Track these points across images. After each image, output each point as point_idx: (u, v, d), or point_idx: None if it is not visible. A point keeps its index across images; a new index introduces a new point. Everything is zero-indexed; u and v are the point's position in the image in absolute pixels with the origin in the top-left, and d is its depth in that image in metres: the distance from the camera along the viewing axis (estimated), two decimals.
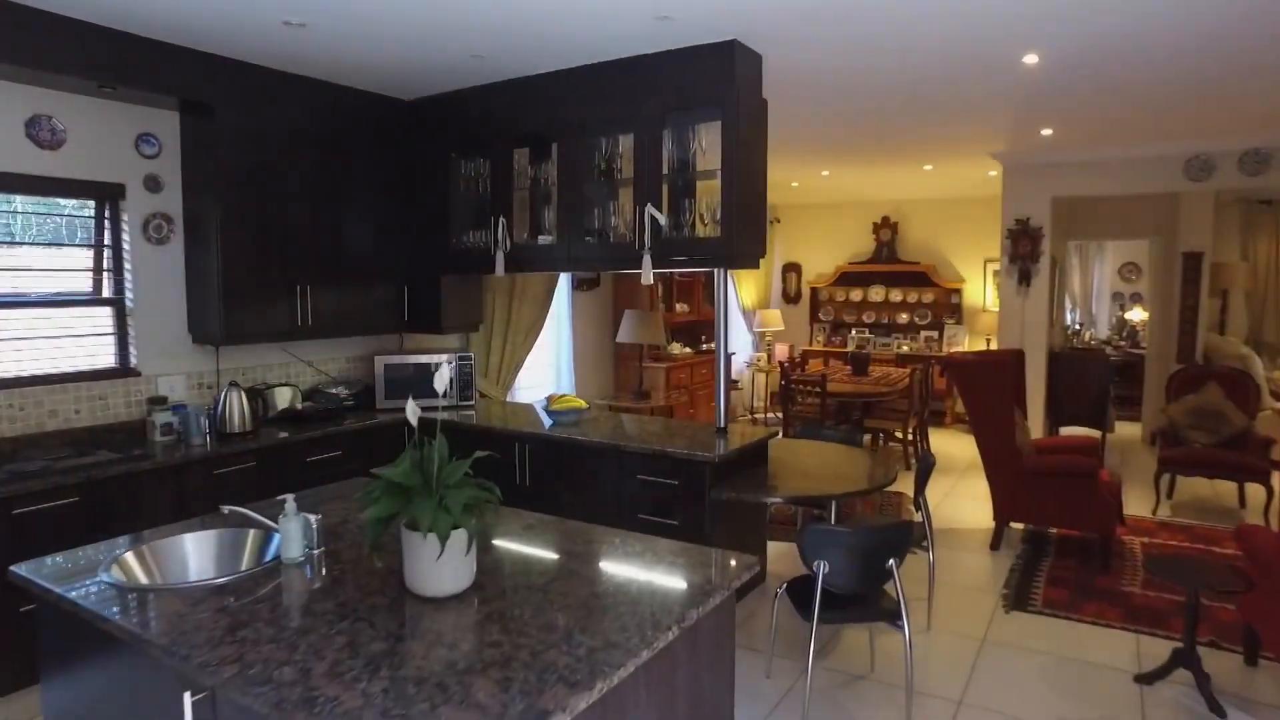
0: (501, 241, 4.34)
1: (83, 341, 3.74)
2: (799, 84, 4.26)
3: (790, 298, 10.23)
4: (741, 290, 9.36)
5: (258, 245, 3.99)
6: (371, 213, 4.57)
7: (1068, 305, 10.03)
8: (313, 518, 2.18)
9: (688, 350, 7.88)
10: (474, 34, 3.48)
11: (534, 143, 4.32)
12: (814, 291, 9.97)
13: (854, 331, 9.60)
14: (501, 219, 4.34)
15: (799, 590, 3.00)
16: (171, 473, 3.42)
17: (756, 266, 3.88)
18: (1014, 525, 4.96)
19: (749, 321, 9.58)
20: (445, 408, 4.68)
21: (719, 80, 3.54)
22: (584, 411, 4.28)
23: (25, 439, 3.47)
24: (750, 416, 9.45)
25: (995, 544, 4.79)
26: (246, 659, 1.55)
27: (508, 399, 6.05)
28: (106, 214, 3.80)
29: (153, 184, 3.85)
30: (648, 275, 3.80)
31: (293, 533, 2.10)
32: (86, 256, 3.79)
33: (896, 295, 9.42)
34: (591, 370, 7.14)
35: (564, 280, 6.72)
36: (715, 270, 3.87)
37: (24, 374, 3.53)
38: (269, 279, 4.04)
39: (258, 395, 4.17)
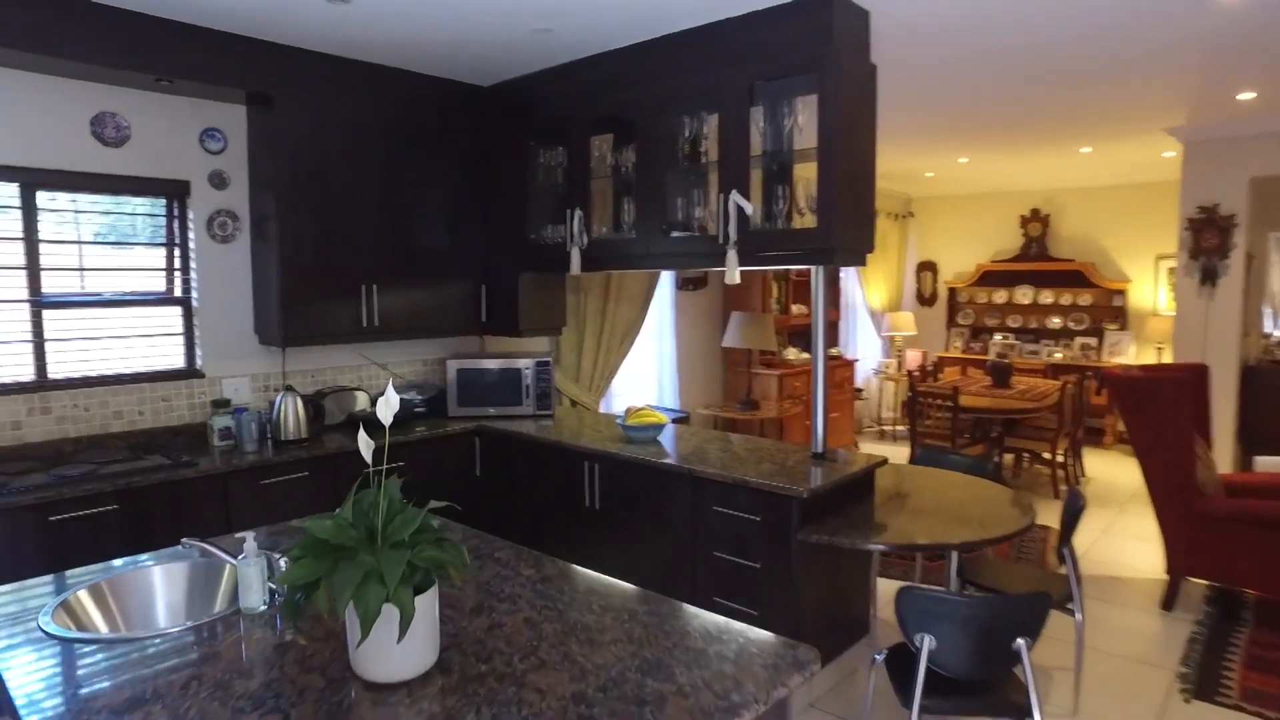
0: (577, 237, 3.95)
1: (152, 341, 3.66)
2: (923, 47, 3.61)
3: (925, 299, 9.30)
4: (869, 290, 8.58)
5: (320, 242, 3.78)
6: (446, 207, 4.29)
7: (1267, 310, 8.53)
8: (281, 558, 1.84)
9: (805, 356, 7.23)
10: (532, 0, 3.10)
11: (612, 127, 3.89)
12: (952, 293, 9.01)
13: (996, 337, 8.57)
14: (577, 212, 3.94)
15: (901, 661, 2.41)
16: (216, 482, 3.24)
17: (861, 263, 3.27)
18: (1193, 580, 4.04)
19: (878, 324, 8.78)
20: (522, 417, 4.34)
21: (814, 41, 2.97)
22: (663, 428, 3.81)
23: (88, 440, 3.41)
24: (878, 428, 8.66)
25: (1168, 603, 3.91)
26: None
27: (601, 407, 5.68)
28: (174, 212, 3.70)
29: (218, 180, 3.72)
30: (733, 273, 3.28)
31: (251, 578, 1.76)
32: (153, 255, 3.71)
33: (1047, 297, 8.32)
34: (696, 377, 6.65)
35: (667, 279, 6.28)
36: (814, 269, 3.30)
37: (90, 374, 3.47)
38: (332, 277, 3.83)
39: (321, 400, 3.99)
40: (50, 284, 3.37)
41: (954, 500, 3.16)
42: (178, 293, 3.74)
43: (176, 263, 3.74)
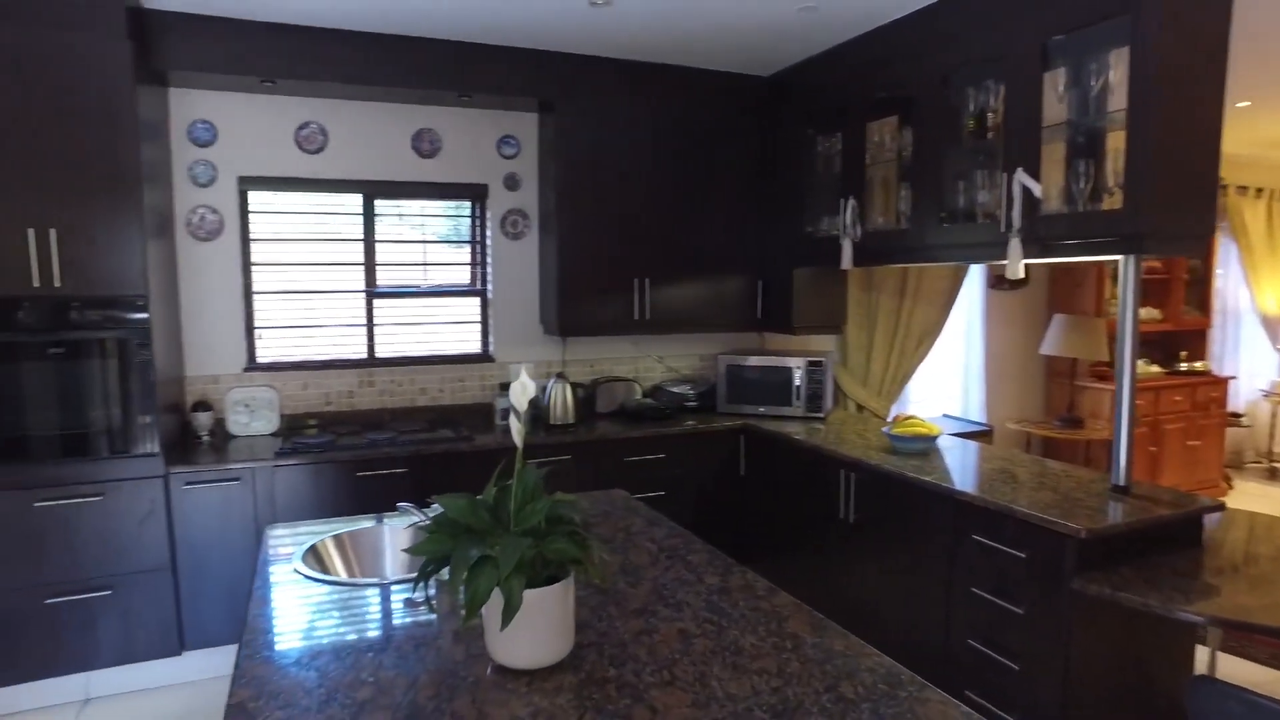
0: (850, 228, 3.67)
1: (454, 328, 4.17)
2: None
3: None
4: (1260, 290, 6.85)
5: (596, 237, 3.98)
6: (722, 201, 4.27)
7: None
8: None
9: (1155, 368, 6.01)
10: None
11: (891, 108, 3.55)
12: None
13: None
14: (851, 201, 3.66)
15: None
16: (489, 457, 3.58)
17: (1189, 253, 2.58)
18: None
19: (1272, 334, 6.99)
20: (792, 418, 4.17)
21: None
22: (934, 440, 3.39)
23: (400, 411, 3.99)
24: (1267, 464, 6.91)
25: None
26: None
27: (891, 414, 5.27)
28: (476, 212, 4.16)
29: (511, 182, 4.11)
30: (1016, 266, 2.81)
31: None
32: (459, 252, 4.21)
33: None
34: (1008, 387, 5.86)
35: (977, 275, 5.62)
36: (1123, 260, 2.67)
37: (405, 355, 4.05)
38: (606, 272, 4.02)
39: (594, 388, 4.21)
40: (381, 277, 4.00)
41: None
42: (477, 285, 4.21)
43: (477, 258, 4.20)
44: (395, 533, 2.21)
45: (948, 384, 5.73)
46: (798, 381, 4.21)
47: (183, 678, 3.22)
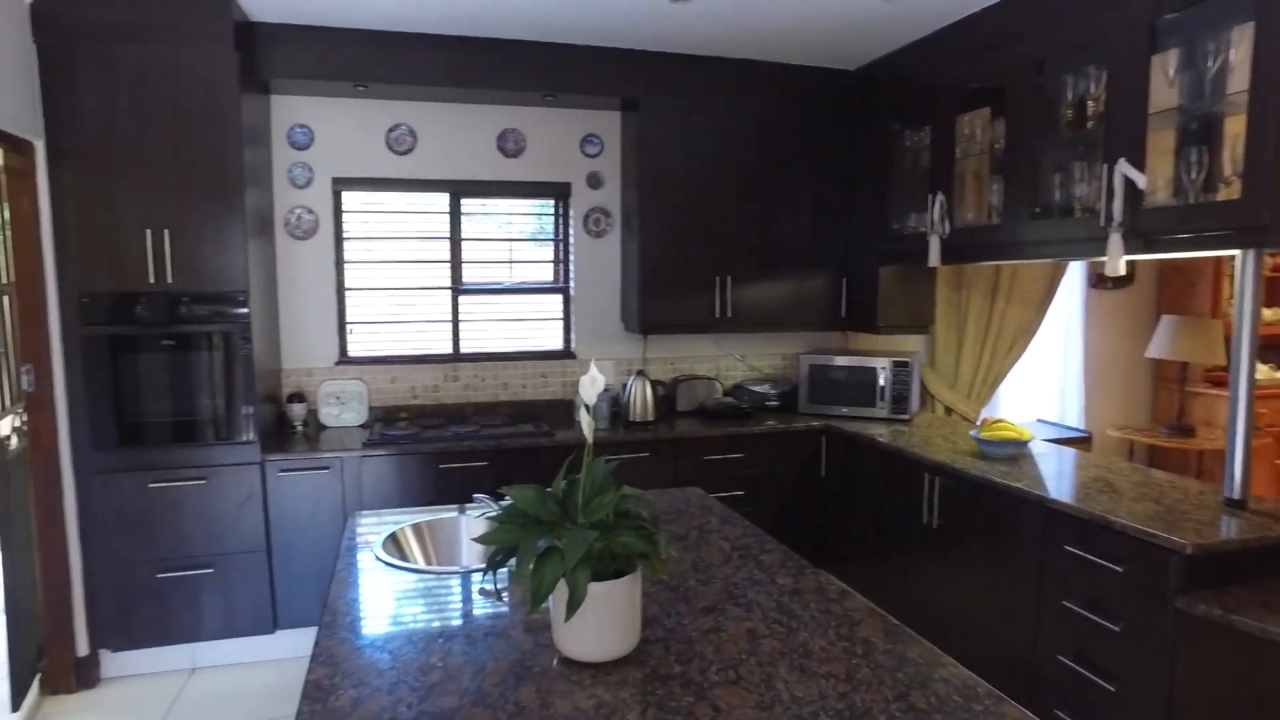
0: (937, 224, 3.55)
1: (537, 325, 4.23)
2: None
3: None
4: None
5: (676, 236, 3.98)
6: (806, 198, 4.19)
7: None
8: None
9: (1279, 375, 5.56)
10: None
11: (982, 99, 3.40)
12: None
13: None
14: (939, 197, 3.54)
15: None
16: (567, 452, 3.62)
17: None
18: None
19: None
20: (878, 419, 4.07)
21: None
22: (1024, 445, 3.23)
23: (483, 405, 4.08)
24: None
25: None
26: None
27: (981, 417, 5.06)
28: (559, 210, 4.22)
29: (594, 180, 4.15)
30: (1116, 263, 2.65)
31: None
32: (542, 250, 4.27)
33: None
34: (1111, 392, 5.54)
35: (1076, 273, 5.33)
36: (1240, 255, 2.47)
37: (489, 351, 4.14)
38: (686, 270, 4.01)
39: (674, 386, 4.20)
40: (467, 275, 4.10)
41: None
42: (560, 282, 4.27)
43: (560, 256, 4.26)
44: (472, 523, 2.26)
45: (1043, 388, 5.46)
46: (882, 382, 4.10)
47: (276, 655, 3.38)
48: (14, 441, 2.98)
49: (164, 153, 3.06)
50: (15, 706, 2.93)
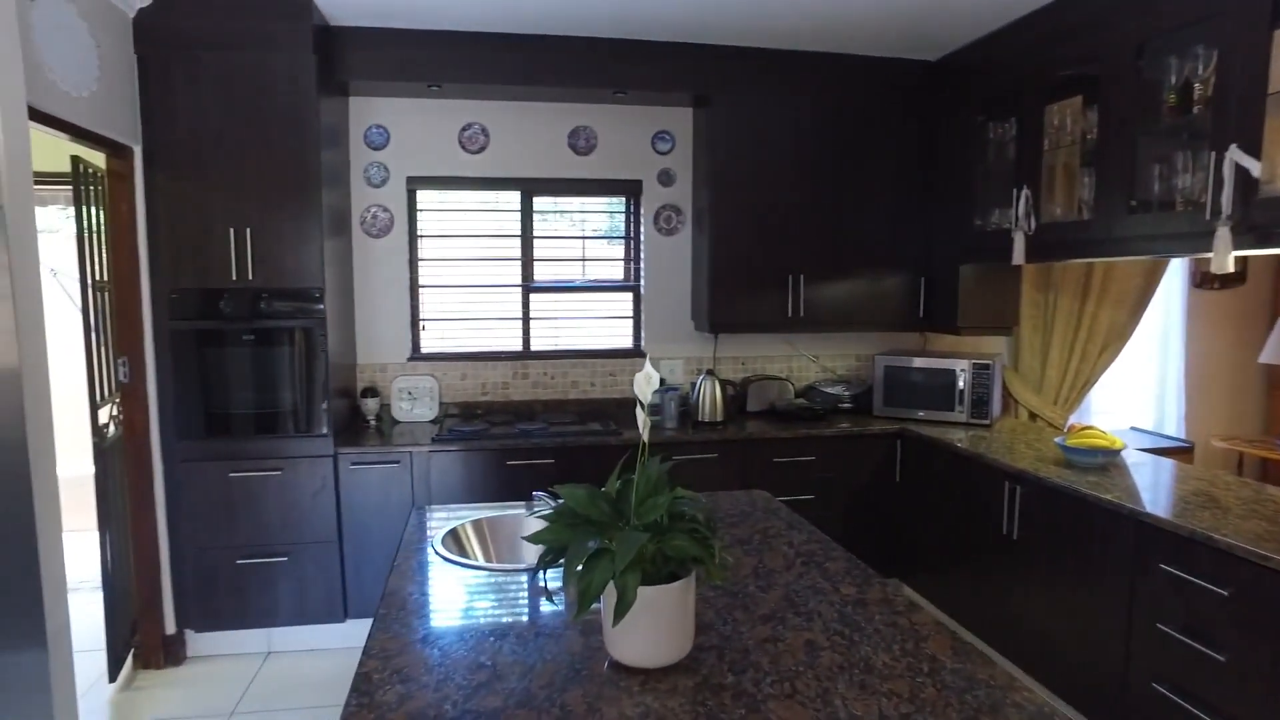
0: (1022, 220, 3.37)
1: (607, 323, 4.22)
2: None
3: None
4: None
5: (749, 233, 3.90)
6: (883, 195, 4.05)
7: None
8: None
9: None
10: None
11: (1074, 87, 3.21)
12: None
13: None
14: (1024, 191, 3.36)
15: None
16: (629, 451, 3.58)
17: None
18: None
19: None
20: (959, 423, 3.90)
21: None
22: (1115, 454, 3.03)
23: (552, 403, 4.10)
24: None
25: None
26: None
27: (1069, 424, 4.80)
28: (630, 208, 4.20)
29: (665, 178, 4.11)
30: (1224, 259, 2.45)
31: None
32: (613, 248, 4.25)
33: None
34: (1216, 399, 5.17)
35: (1177, 271, 5.00)
36: None
37: (558, 348, 4.15)
38: (758, 269, 3.93)
39: (744, 386, 4.13)
40: (539, 272, 4.12)
41: None
42: (630, 280, 4.24)
43: (630, 253, 4.24)
44: (532, 521, 2.25)
45: (1139, 394, 5.14)
46: (961, 385, 3.93)
47: (346, 643, 3.47)
48: (111, 429, 3.14)
49: (246, 154, 3.18)
50: (113, 677, 3.10)
